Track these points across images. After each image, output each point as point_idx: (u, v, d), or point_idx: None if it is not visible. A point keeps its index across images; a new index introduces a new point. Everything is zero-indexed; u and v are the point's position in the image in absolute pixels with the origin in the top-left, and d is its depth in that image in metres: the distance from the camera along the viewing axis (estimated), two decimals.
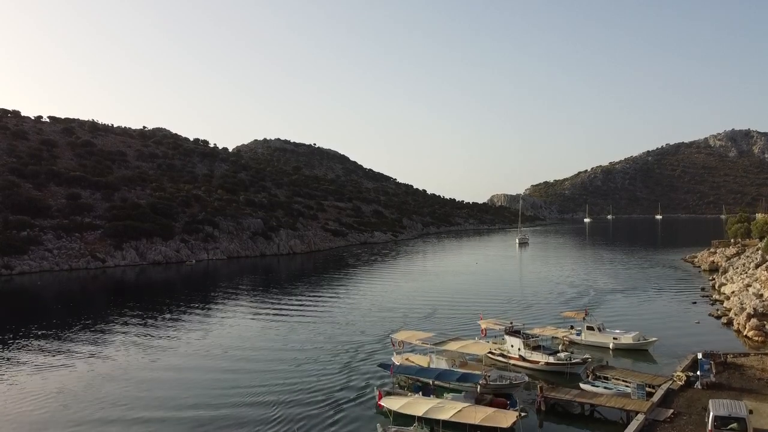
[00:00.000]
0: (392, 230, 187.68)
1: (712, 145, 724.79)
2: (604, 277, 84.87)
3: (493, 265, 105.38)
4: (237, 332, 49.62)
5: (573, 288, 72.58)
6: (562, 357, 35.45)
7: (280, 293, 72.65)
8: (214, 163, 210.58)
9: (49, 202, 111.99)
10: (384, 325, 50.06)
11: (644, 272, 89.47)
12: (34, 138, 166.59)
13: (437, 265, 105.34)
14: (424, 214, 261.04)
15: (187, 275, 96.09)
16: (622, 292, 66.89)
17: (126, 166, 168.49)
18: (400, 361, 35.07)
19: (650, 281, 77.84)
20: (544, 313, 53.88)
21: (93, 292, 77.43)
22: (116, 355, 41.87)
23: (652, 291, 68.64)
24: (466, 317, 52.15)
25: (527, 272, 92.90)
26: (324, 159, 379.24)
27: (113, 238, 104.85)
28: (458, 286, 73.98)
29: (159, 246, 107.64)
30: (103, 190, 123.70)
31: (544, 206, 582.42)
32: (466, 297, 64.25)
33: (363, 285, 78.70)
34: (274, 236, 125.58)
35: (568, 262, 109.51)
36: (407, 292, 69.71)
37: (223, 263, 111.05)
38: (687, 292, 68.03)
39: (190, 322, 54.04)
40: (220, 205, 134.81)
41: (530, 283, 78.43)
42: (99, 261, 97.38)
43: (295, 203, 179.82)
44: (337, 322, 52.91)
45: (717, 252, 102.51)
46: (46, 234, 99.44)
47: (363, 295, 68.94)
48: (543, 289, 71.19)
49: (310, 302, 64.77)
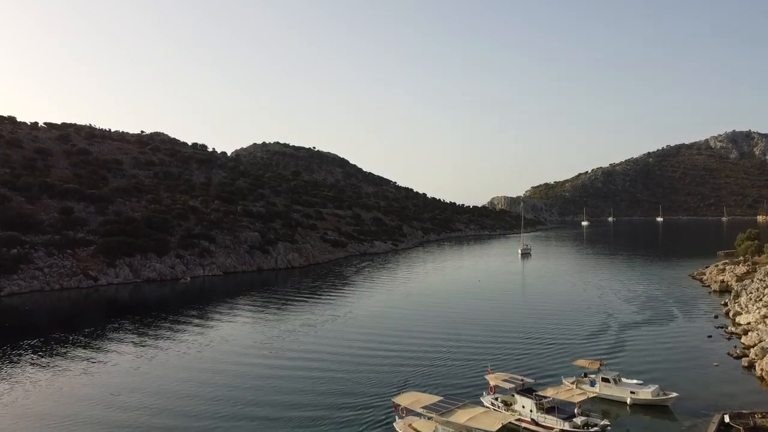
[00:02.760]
0: (392, 239, 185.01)
1: (713, 146, 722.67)
2: (610, 300, 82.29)
3: (496, 283, 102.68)
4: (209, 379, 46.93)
5: (582, 318, 69.96)
6: (578, 423, 32.78)
7: (265, 332, 69.77)
8: (212, 170, 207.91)
9: (41, 216, 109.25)
10: (380, 378, 44.96)
11: (652, 294, 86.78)
12: (29, 146, 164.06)
13: (438, 284, 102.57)
14: (425, 219, 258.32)
15: (182, 293, 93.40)
16: (632, 325, 63.86)
17: (122, 174, 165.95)
18: (402, 428, 32.35)
19: (660, 307, 75.15)
20: (555, 360, 50.53)
21: (84, 315, 74.55)
22: (106, 384, 39.22)
23: (664, 320, 65.91)
24: (472, 363, 48.89)
25: (532, 294, 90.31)
26: (323, 163, 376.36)
27: (106, 254, 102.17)
28: (462, 318, 70.29)
29: (153, 262, 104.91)
30: (98, 203, 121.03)
31: (544, 209, 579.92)
32: (471, 333, 60.48)
33: (356, 315, 75.94)
34: (271, 250, 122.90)
35: (570, 280, 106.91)
36: (406, 328, 65.24)
37: (219, 279, 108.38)
38: (700, 320, 65.39)
39: (181, 350, 51.38)
40: (217, 217, 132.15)
41: (536, 310, 75.70)
42: (91, 279, 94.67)
43: (293, 212, 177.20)
44: (324, 375, 46.40)
45: (726, 269, 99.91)
46: (37, 251, 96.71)
47: (356, 330, 66.06)
48: (550, 320, 68.59)
49: (301, 344, 61.97)
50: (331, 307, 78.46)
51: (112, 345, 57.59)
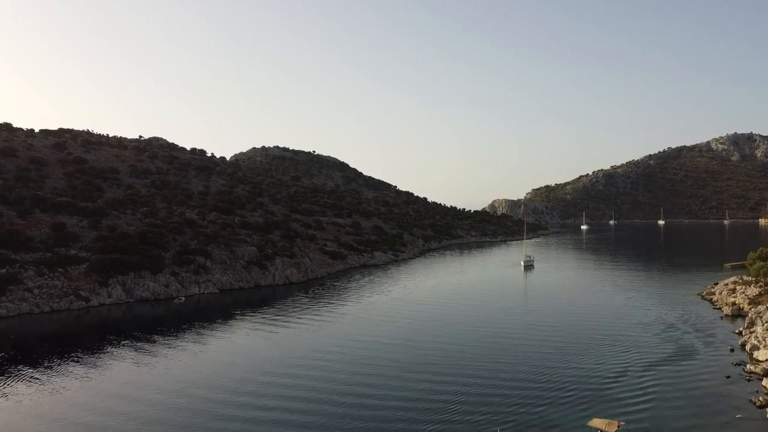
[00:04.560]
0: (393, 249, 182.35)
1: (715, 148, 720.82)
2: (620, 328, 79.41)
3: (501, 302, 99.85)
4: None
5: (593, 353, 67.15)
6: None
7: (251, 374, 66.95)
8: (210, 177, 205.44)
9: (32, 231, 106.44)
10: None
11: (663, 319, 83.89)
12: (24, 155, 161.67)
13: (437, 306, 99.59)
14: (425, 227, 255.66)
15: (176, 314, 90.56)
16: (647, 364, 60.40)
17: (118, 184, 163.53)
18: None
19: (672, 336, 72.11)
20: (566, 410, 47.38)
21: (73, 339, 71.45)
22: None
23: (678, 356, 62.83)
24: (474, 419, 45.48)
25: (536, 321, 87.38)
26: (323, 167, 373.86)
27: (99, 273, 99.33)
28: (468, 357, 66.05)
29: (147, 281, 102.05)
30: (91, 217, 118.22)
31: (545, 211, 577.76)
32: (480, 380, 56.39)
33: (348, 344, 73.09)
34: (269, 265, 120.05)
35: (575, 301, 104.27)
36: (383, 372, 62.30)
37: (215, 298, 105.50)
38: (715, 354, 62.48)
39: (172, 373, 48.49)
40: (214, 230, 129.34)
41: (541, 342, 72.74)
42: (82, 300, 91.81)
43: (292, 221, 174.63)
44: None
45: (736, 289, 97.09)
46: (27, 270, 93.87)
47: (349, 363, 63.23)
48: (557, 355, 65.74)
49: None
50: (328, 334, 75.61)
51: (100, 371, 54.71)
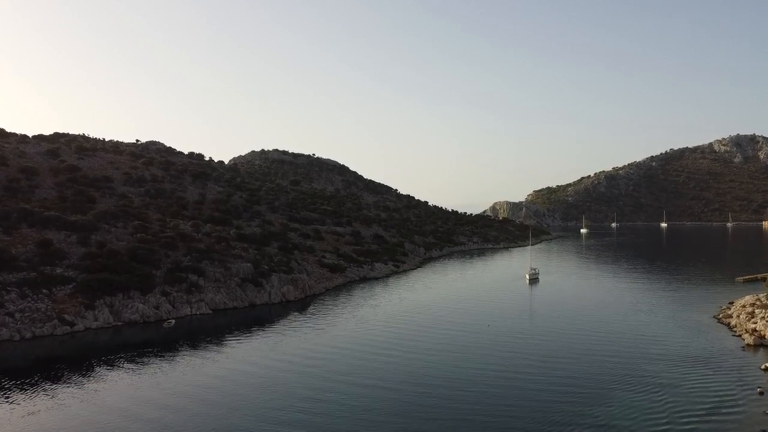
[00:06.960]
0: (393, 259, 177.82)
1: (717, 150, 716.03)
2: (634, 362, 74.87)
3: (506, 324, 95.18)
4: None
5: (607, 389, 62.67)
6: None
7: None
8: (207, 184, 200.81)
9: (17, 249, 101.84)
10: None
11: (680, 352, 78.94)
12: (14, 163, 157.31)
13: (438, 331, 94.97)
14: (427, 233, 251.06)
15: (166, 337, 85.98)
16: (672, 417, 56.14)
17: (111, 193, 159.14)
18: None
19: (693, 377, 66.77)
20: None
21: (55, 369, 66.72)
22: None
23: (704, 406, 57.56)
24: None
25: (545, 349, 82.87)
26: (323, 171, 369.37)
27: (86, 294, 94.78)
28: (468, 397, 62.53)
29: (136, 302, 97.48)
30: (80, 232, 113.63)
31: (547, 214, 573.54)
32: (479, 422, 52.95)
33: (343, 368, 68.45)
34: (265, 283, 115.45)
35: (584, 323, 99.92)
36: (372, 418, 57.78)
37: (207, 318, 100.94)
38: (743, 397, 57.42)
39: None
40: (208, 243, 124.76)
41: (552, 376, 68.33)
42: (67, 325, 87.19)
43: (290, 230, 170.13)
44: None
45: (755, 313, 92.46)
46: (9, 293, 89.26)
47: (345, 390, 58.60)
48: (570, 392, 61.29)
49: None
50: (326, 359, 71.01)
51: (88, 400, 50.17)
